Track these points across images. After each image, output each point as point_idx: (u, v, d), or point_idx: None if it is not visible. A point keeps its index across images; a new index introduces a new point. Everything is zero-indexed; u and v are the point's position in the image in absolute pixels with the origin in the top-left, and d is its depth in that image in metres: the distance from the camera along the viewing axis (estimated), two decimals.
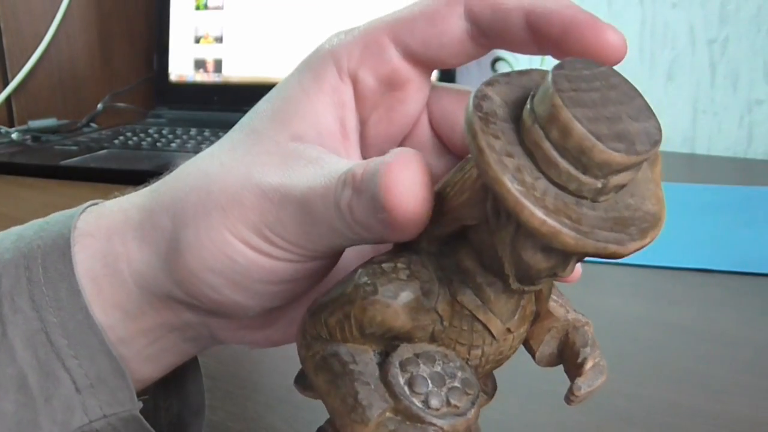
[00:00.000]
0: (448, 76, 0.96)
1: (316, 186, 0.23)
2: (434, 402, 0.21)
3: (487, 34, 0.25)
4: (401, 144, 0.28)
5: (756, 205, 0.67)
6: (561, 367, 0.26)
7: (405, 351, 0.22)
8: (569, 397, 0.24)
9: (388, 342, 0.22)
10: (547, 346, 0.26)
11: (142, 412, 0.29)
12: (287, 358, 0.41)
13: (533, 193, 0.18)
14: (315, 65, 0.27)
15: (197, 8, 1.08)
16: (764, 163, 0.86)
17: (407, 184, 0.20)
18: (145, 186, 0.29)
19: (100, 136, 0.98)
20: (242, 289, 0.26)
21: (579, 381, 0.24)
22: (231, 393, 0.38)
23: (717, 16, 0.90)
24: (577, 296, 0.25)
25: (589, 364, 0.24)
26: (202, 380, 0.33)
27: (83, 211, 0.29)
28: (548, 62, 0.99)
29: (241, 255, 0.25)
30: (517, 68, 0.22)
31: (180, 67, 1.10)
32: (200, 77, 1.08)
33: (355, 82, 0.26)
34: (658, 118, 0.20)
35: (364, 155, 0.28)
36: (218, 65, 1.07)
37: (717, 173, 0.81)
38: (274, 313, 0.29)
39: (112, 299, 0.28)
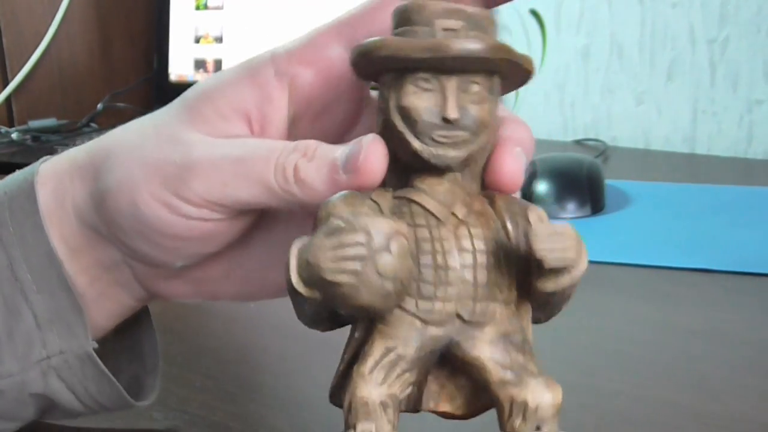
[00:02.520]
0: None
1: (258, 149, 0.27)
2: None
3: None
4: (344, 139, 0.29)
5: (756, 205, 0.67)
6: (562, 368, 0.26)
7: None
8: None
9: None
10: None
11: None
12: (287, 359, 0.42)
13: None
14: (254, 62, 0.29)
15: (197, 8, 1.08)
16: (764, 163, 0.86)
17: (379, 156, 0.25)
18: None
19: (100, 136, 0.98)
20: (158, 246, 0.29)
21: None
22: (231, 393, 0.38)
23: (717, 16, 0.90)
24: (577, 296, 0.25)
25: None
26: (157, 341, 0.36)
27: (41, 162, 0.32)
28: (547, 61, 1.00)
29: (151, 210, 0.28)
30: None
31: (180, 67, 1.10)
32: (200, 77, 1.08)
33: (292, 80, 0.28)
34: (658, 118, 0.20)
35: None
36: (218, 65, 1.07)
37: (717, 173, 0.81)
38: (198, 275, 0.32)
39: (60, 233, 0.31)
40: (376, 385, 0.22)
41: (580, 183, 0.65)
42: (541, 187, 0.65)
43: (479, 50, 0.23)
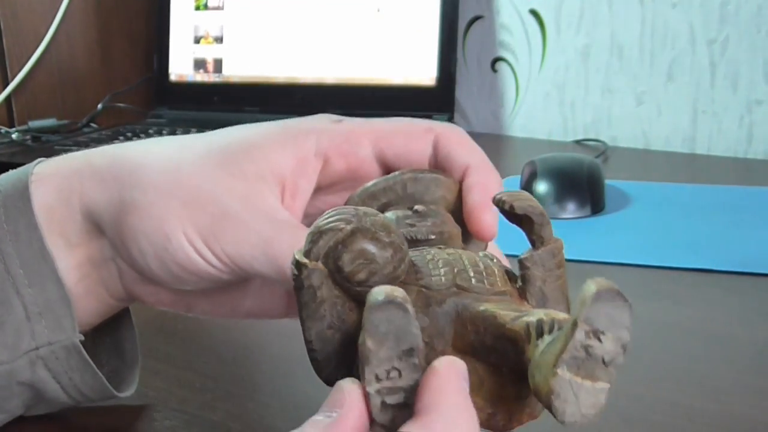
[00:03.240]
0: (447, 79, 0.96)
1: (283, 232, 0.29)
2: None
3: (441, 164, 0.32)
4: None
5: (756, 205, 0.67)
6: None
7: None
8: None
9: None
10: None
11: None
12: (288, 359, 0.42)
13: None
14: (298, 131, 0.32)
15: (197, 8, 1.08)
16: (764, 163, 0.86)
17: None
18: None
19: (100, 137, 0.98)
20: (171, 274, 0.31)
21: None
22: (231, 393, 0.38)
23: (717, 16, 0.90)
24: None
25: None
26: (137, 337, 0.38)
27: (36, 164, 0.34)
28: (547, 61, 1.00)
29: (177, 245, 0.30)
30: (517, 66, 0.25)
31: (180, 67, 1.10)
32: (200, 77, 1.08)
33: (326, 163, 0.32)
34: (658, 118, 0.21)
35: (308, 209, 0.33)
36: (218, 65, 1.07)
37: (717, 173, 0.81)
38: (187, 299, 0.35)
39: (59, 227, 0.32)
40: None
41: (580, 183, 0.65)
42: (541, 187, 0.65)
43: None
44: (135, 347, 0.38)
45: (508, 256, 0.32)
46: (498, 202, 0.27)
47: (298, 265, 0.24)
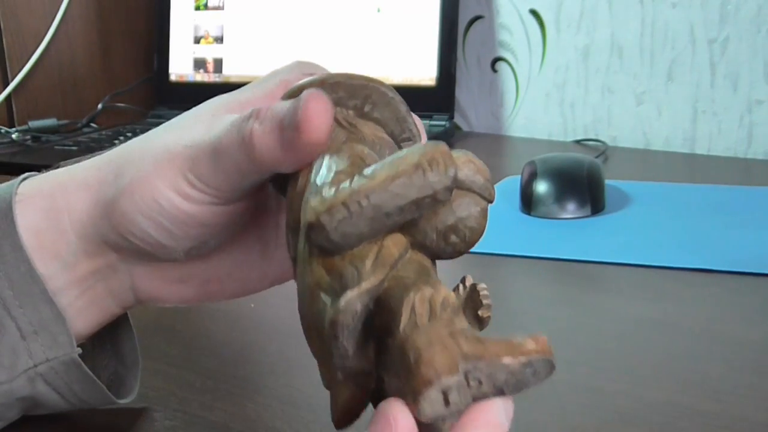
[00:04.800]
0: (447, 79, 0.96)
1: (224, 129, 0.29)
2: None
3: None
4: None
5: (756, 205, 0.66)
6: (562, 368, 0.26)
7: None
8: None
9: None
10: None
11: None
12: (287, 359, 0.42)
13: None
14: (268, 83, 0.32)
15: (197, 8, 1.08)
16: (764, 163, 0.86)
17: (321, 110, 0.26)
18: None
19: (100, 137, 0.98)
20: (166, 231, 0.31)
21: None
22: (231, 393, 0.38)
23: (717, 16, 0.90)
24: (577, 296, 0.25)
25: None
26: (136, 339, 0.37)
27: (21, 180, 0.33)
28: (547, 61, 1.00)
29: (166, 199, 0.30)
30: (516, 66, 0.24)
31: (180, 67, 1.10)
32: (200, 77, 1.08)
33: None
34: (658, 118, 0.21)
35: None
36: (218, 65, 1.07)
37: (717, 173, 0.81)
38: (189, 270, 0.34)
39: (52, 250, 0.32)
40: None
41: (580, 183, 0.65)
42: (541, 187, 0.65)
43: None
44: (135, 350, 0.37)
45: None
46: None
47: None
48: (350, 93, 0.29)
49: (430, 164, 0.23)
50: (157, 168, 0.30)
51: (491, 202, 0.25)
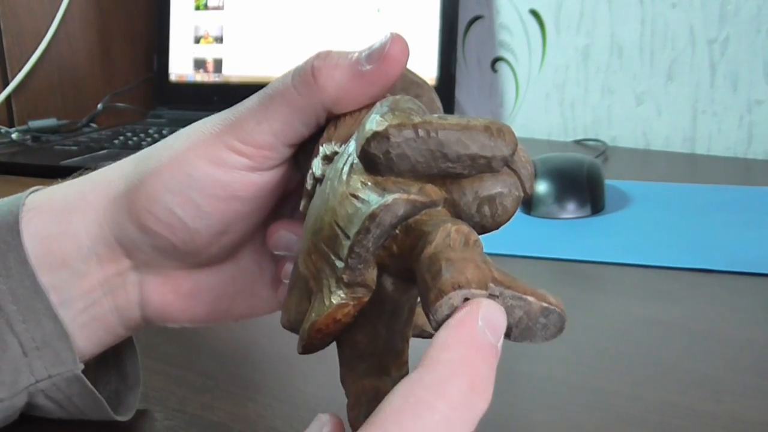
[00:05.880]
0: (447, 79, 0.96)
1: (270, 85, 0.30)
2: None
3: None
4: None
5: (756, 205, 0.67)
6: (562, 368, 0.26)
7: None
8: None
9: None
10: None
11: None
12: (287, 359, 0.42)
13: None
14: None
15: (197, 8, 1.08)
16: (764, 163, 0.86)
17: (404, 48, 0.29)
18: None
19: (100, 136, 0.98)
20: (194, 208, 0.30)
21: None
22: (231, 393, 0.38)
23: (717, 16, 0.90)
24: (577, 296, 0.25)
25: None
26: (138, 359, 0.37)
27: (30, 193, 0.33)
28: (547, 61, 1.00)
29: (200, 170, 0.30)
30: (516, 66, 0.25)
31: (180, 67, 1.10)
32: (200, 77, 1.08)
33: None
34: (658, 118, 0.21)
35: None
36: (218, 65, 1.07)
37: (717, 173, 0.81)
38: (201, 283, 0.33)
39: (60, 256, 0.31)
40: None
41: (580, 183, 0.65)
42: (541, 187, 0.65)
43: None
44: (137, 370, 0.37)
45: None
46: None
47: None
48: (404, 86, 0.31)
49: (498, 132, 0.23)
50: (191, 147, 0.30)
51: (528, 195, 0.25)
